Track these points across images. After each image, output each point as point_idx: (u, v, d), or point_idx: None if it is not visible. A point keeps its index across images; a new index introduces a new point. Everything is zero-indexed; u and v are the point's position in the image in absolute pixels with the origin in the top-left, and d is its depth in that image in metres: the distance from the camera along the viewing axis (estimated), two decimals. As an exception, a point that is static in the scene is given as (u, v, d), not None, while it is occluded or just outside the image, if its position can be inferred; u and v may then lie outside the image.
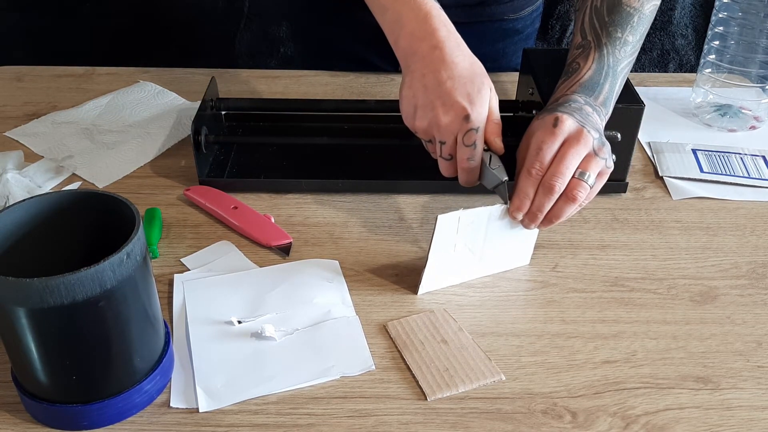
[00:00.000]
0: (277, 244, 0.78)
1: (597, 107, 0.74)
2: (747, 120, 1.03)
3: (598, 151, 0.69)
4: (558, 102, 0.74)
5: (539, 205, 0.69)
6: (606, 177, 0.71)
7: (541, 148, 0.68)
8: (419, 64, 0.71)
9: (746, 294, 0.74)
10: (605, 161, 0.70)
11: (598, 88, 0.75)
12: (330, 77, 1.14)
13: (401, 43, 0.72)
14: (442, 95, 0.69)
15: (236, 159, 0.91)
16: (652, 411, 0.61)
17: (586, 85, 0.75)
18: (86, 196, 0.59)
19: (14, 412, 0.60)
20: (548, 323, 0.70)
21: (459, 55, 0.71)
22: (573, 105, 0.72)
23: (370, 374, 0.64)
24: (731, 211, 0.86)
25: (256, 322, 0.68)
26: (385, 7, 0.73)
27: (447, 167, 0.73)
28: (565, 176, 0.68)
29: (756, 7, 0.99)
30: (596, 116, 0.73)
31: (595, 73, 0.76)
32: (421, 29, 0.71)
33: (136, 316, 0.57)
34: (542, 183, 0.68)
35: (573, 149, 0.68)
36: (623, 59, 0.77)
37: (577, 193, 0.68)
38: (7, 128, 1.00)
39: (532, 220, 0.70)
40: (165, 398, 0.61)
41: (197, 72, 1.15)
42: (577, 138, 0.68)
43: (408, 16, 0.72)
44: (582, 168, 0.68)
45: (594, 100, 0.74)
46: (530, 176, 0.68)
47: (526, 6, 1.13)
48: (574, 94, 0.74)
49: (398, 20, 0.72)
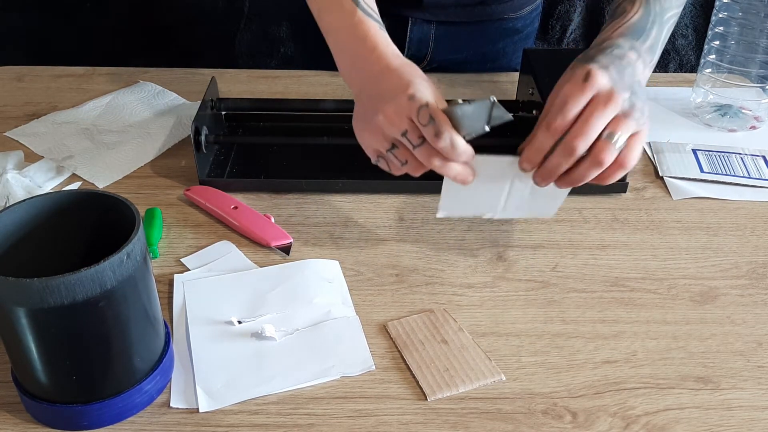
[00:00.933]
0: (277, 244, 0.78)
1: (643, 53, 0.70)
2: (747, 120, 1.03)
3: (628, 113, 0.64)
4: (601, 47, 0.69)
5: (555, 165, 0.64)
6: (643, 138, 0.65)
7: (566, 103, 0.63)
8: (357, 82, 0.72)
9: (746, 294, 0.74)
10: (636, 122, 0.64)
11: (644, 33, 0.71)
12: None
13: (345, 79, 0.74)
14: (381, 92, 0.67)
15: (236, 159, 0.91)
16: (653, 411, 0.61)
17: (633, 28, 0.71)
18: (86, 196, 0.59)
19: (14, 412, 0.60)
20: (548, 323, 0.70)
21: (392, 55, 0.70)
22: (615, 51, 0.68)
23: (370, 374, 0.64)
24: (731, 211, 0.86)
25: (256, 322, 0.68)
26: (334, 39, 0.74)
27: (425, 153, 0.65)
28: (589, 137, 0.63)
29: (756, 7, 0.99)
30: (640, 64, 0.69)
31: (642, 17, 0.72)
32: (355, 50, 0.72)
33: (136, 316, 0.57)
34: (564, 142, 0.63)
35: (600, 110, 0.63)
36: (669, 9, 0.74)
37: (604, 156, 0.63)
38: (7, 128, 1.00)
39: (545, 179, 0.65)
40: (165, 398, 0.61)
41: (197, 72, 1.15)
42: (606, 98, 0.63)
43: (346, 41, 0.73)
44: (611, 129, 0.63)
45: (641, 44, 0.70)
46: (549, 131, 0.64)
47: (525, 5, 1.13)
48: (620, 37, 0.70)
49: (352, 58, 0.73)
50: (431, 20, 1.10)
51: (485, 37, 1.13)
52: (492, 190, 0.68)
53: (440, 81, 1.08)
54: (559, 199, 0.72)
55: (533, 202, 0.71)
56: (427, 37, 1.11)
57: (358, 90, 0.72)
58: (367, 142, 0.70)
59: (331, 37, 0.74)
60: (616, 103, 0.63)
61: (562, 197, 0.72)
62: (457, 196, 0.68)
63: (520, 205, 0.71)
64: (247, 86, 1.11)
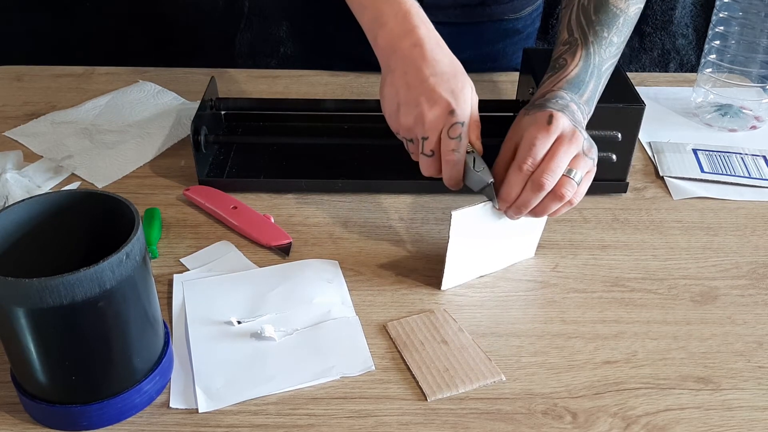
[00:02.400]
0: (277, 244, 0.78)
1: (581, 105, 0.74)
2: (747, 120, 1.03)
3: (587, 152, 0.69)
4: (545, 98, 0.74)
5: (526, 201, 0.69)
6: (592, 176, 0.71)
7: (534, 144, 0.68)
8: (400, 62, 0.71)
9: (747, 294, 0.74)
10: (593, 161, 0.70)
11: (583, 86, 0.75)
12: (330, 77, 1.14)
13: (380, 41, 0.72)
14: (425, 91, 0.69)
15: (236, 159, 0.91)
16: (653, 411, 0.61)
17: (572, 82, 0.75)
18: (86, 196, 0.59)
19: (14, 412, 0.60)
20: (548, 323, 0.70)
21: (440, 52, 0.71)
22: (560, 102, 0.72)
23: (370, 374, 0.64)
24: (732, 211, 0.86)
25: (256, 323, 0.68)
26: (364, 6, 0.73)
27: (429, 164, 0.72)
28: (556, 174, 0.67)
29: (757, 7, 0.99)
30: (580, 114, 0.73)
31: (581, 70, 0.76)
32: (401, 27, 0.71)
33: (136, 316, 0.57)
34: (532, 179, 0.68)
35: (564, 147, 0.68)
36: (608, 59, 0.78)
37: (565, 191, 0.68)
38: (7, 128, 1.00)
39: (517, 213, 0.70)
40: (164, 399, 0.61)
41: (197, 72, 1.15)
42: (570, 137, 0.68)
43: (387, 14, 0.71)
44: (571, 166, 0.68)
45: (579, 97, 0.74)
46: (521, 171, 0.68)
47: (526, 6, 1.13)
48: (560, 90, 0.74)
49: (377, 18, 0.72)
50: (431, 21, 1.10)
51: (486, 37, 1.13)
52: (479, 246, 0.73)
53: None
54: (535, 238, 0.77)
55: (516, 247, 0.76)
56: (427, 37, 1.11)
57: (398, 68, 0.71)
58: (395, 123, 0.74)
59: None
60: (578, 142, 0.69)
61: (538, 236, 0.77)
62: (456, 270, 0.73)
63: (506, 254, 0.76)
64: (247, 86, 1.11)
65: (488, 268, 0.75)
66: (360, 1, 0.74)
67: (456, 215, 0.68)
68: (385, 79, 0.73)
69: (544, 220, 0.75)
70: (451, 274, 0.72)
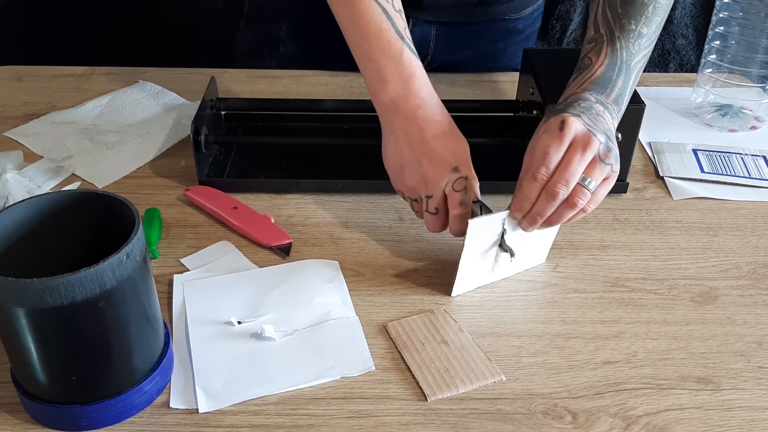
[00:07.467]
0: (277, 245, 0.78)
1: (609, 105, 0.72)
2: (748, 120, 1.03)
3: (603, 157, 0.68)
4: (568, 101, 0.72)
5: (540, 210, 0.68)
6: (612, 182, 0.70)
7: (547, 153, 0.67)
8: (402, 123, 0.72)
9: (747, 294, 0.74)
10: (610, 166, 0.69)
11: (610, 85, 0.73)
12: (330, 77, 1.14)
13: (382, 97, 0.74)
14: (428, 152, 0.71)
15: (236, 159, 0.91)
16: (653, 412, 0.61)
17: (598, 82, 0.73)
18: (86, 196, 0.59)
19: (14, 412, 0.60)
20: (549, 324, 0.70)
21: (439, 114, 0.73)
22: (583, 104, 0.71)
23: (370, 375, 0.64)
24: (732, 211, 0.86)
25: (256, 323, 0.68)
26: (369, 58, 0.74)
27: (434, 221, 0.73)
28: (570, 183, 0.67)
29: (757, 7, 0.99)
30: (607, 115, 0.71)
31: (607, 68, 0.74)
32: (404, 88, 0.73)
33: (136, 316, 0.57)
34: (546, 188, 0.67)
35: (578, 155, 0.67)
36: (637, 53, 0.75)
37: (578, 200, 0.67)
38: (7, 128, 1.00)
39: (532, 223, 0.69)
40: (165, 399, 0.61)
41: (197, 72, 1.15)
42: (584, 143, 0.67)
43: (392, 73, 0.73)
44: (586, 174, 0.67)
45: (606, 97, 0.73)
46: (535, 181, 0.67)
47: (526, 6, 1.13)
48: (585, 92, 0.73)
49: (381, 74, 0.73)
50: (432, 21, 1.10)
51: (486, 37, 1.13)
52: (491, 255, 0.72)
53: (440, 81, 1.08)
54: (548, 244, 0.77)
55: (527, 255, 0.75)
56: (427, 38, 1.11)
57: (400, 129, 0.73)
58: (399, 183, 0.75)
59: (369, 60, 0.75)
60: (593, 147, 0.67)
61: (550, 242, 0.76)
62: (467, 276, 0.72)
63: (517, 262, 0.75)
64: (247, 86, 1.11)
65: (498, 275, 0.74)
66: (365, 52, 0.74)
67: (473, 224, 0.68)
68: (387, 139, 0.74)
69: (557, 228, 0.74)
70: (463, 281, 0.72)
